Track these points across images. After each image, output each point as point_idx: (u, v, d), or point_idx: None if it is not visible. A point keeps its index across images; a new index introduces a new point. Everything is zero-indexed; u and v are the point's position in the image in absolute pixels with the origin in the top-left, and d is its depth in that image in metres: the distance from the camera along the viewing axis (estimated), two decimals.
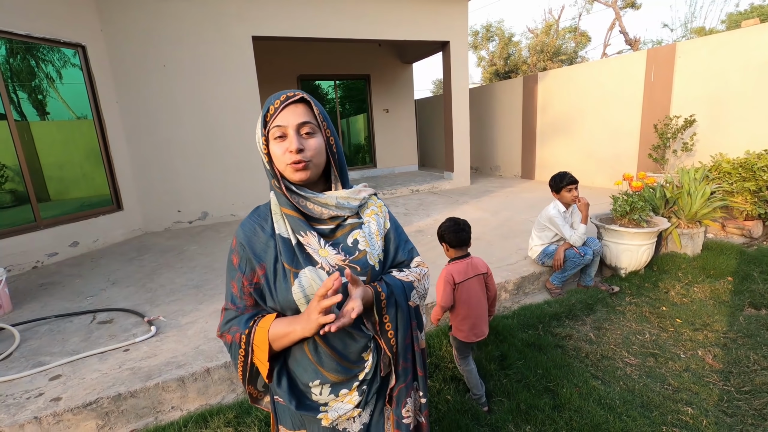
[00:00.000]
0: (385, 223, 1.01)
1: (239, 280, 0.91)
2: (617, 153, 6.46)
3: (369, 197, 1.00)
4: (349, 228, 0.94)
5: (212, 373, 2.17)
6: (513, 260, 3.53)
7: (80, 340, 2.53)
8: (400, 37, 6.57)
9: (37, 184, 4.33)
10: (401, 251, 1.02)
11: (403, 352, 0.96)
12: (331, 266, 0.88)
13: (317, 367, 0.90)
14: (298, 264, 0.87)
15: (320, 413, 0.92)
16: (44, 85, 4.55)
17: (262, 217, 0.93)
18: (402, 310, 0.94)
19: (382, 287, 0.91)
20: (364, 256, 0.92)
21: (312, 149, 0.87)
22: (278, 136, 0.85)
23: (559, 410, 1.97)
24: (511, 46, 16.33)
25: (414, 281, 0.98)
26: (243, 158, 5.74)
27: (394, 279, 0.95)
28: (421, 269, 1.03)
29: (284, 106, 0.85)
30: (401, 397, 0.99)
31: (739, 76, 4.87)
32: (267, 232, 0.91)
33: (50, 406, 1.91)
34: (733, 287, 3.12)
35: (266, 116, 0.86)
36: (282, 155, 0.85)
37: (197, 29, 5.25)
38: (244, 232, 0.92)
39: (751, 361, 2.28)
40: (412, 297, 0.97)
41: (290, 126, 0.85)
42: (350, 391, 0.91)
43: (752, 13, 15.03)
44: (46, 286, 3.55)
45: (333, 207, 0.91)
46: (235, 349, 0.90)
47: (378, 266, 0.94)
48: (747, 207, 4.14)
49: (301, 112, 0.86)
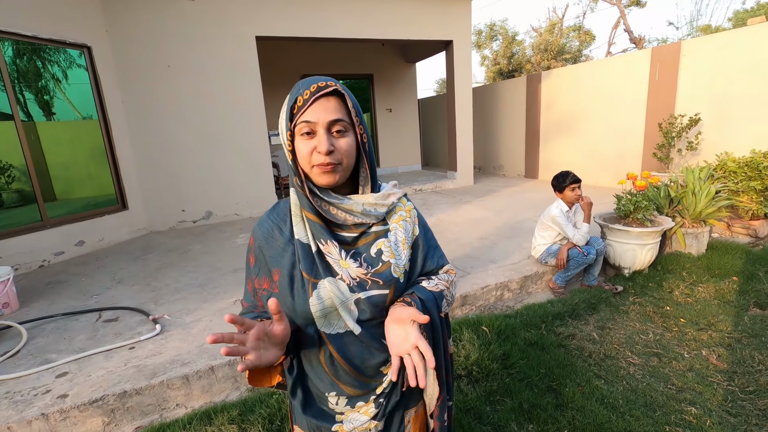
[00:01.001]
0: (414, 229, 0.92)
1: (253, 281, 0.88)
2: (621, 152, 6.43)
3: (398, 201, 0.90)
4: (373, 236, 0.85)
5: (216, 371, 2.19)
6: (516, 259, 3.53)
7: (86, 338, 2.55)
8: (404, 36, 6.57)
9: (43, 184, 4.38)
10: (430, 260, 0.94)
11: (439, 364, 0.90)
12: (351, 279, 0.81)
13: (333, 379, 0.86)
14: (317, 273, 0.80)
15: (335, 424, 0.87)
16: (50, 86, 4.60)
17: (281, 218, 0.87)
18: (435, 324, 0.88)
19: (416, 303, 0.82)
20: (387, 269, 0.83)
21: (342, 150, 0.77)
22: (306, 132, 0.75)
23: (562, 409, 1.97)
24: (515, 45, 16.28)
25: (444, 290, 0.91)
26: (247, 158, 5.77)
27: (425, 291, 0.87)
28: (449, 276, 0.97)
29: (315, 98, 0.74)
30: (443, 406, 0.93)
31: (745, 75, 4.83)
32: (285, 235, 0.84)
33: (57, 402, 1.93)
34: (738, 287, 3.10)
35: (293, 107, 0.75)
36: (309, 155, 0.75)
37: (202, 29, 5.28)
38: (261, 233, 0.86)
39: (755, 361, 2.27)
40: (443, 308, 0.90)
41: (320, 123, 0.74)
42: (367, 403, 0.87)
43: (759, 11, 14.89)
44: (53, 285, 3.59)
45: (358, 214, 0.82)
46: None
47: (403, 278, 0.86)
48: (752, 206, 4.11)
49: (333, 108, 0.75)
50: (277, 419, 1.93)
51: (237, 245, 4.48)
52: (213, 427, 1.91)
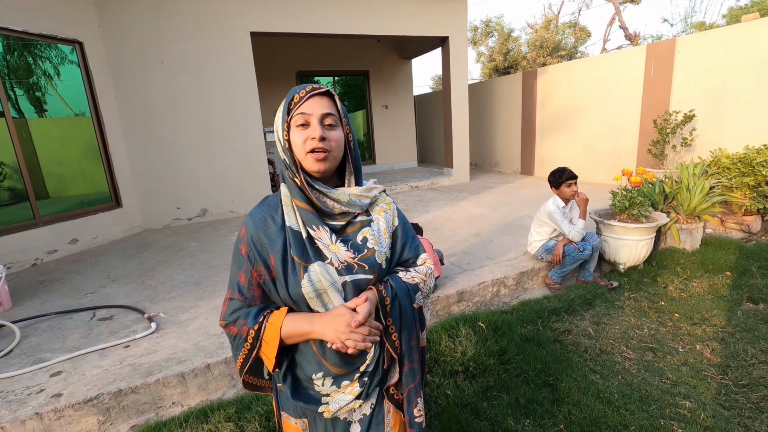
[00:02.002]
0: (394, 220, 1.01)
1: (248, 270, 0.91)
2: (616, 148, 6.46)
3: (379, 194, 1.01)
4: (359, 225, 0.95)
5: (213, 368, 2.18)
6: (512, 256, 3.54)
7: (80, 337, 2.53)
8: (400, 32, 6.54)
9: (35, 182, 4.33)
10: (408, 249, 1.03)
11: (408, 353, 0.97)
12: (340, 262, 0.89)
13: (321, 359, 0.91)
14: (308, 258, 0.88)
15: (321, 405, 0.93)
16: (42, 82, 4.53)
17: (272, 208, 0.93)
18: (406, 314, 0.95)
19: (387, 291, 0.92)
20: (372, 255, 0.93)
21: (334, 140, 0.88)
22: (301, 124, 0.86)
23: (558, 404, 1.98)
24: (511, 42, 16.26)
25: (419, 282, 0.99)
26: (243, 155, 5.74)
27: (399, 281, 0.95)
28: (427, 267, 1.04)
29: (309, 96, 0.86)
30: (411, 397, 0.99)
31: (739, 72, 4.86)
32: (278, 223, 0.91)
33: (51, 402, 1.92)
34: (731, 282, 3.13)
35: (290, 104, 0.87)
36: (303, 143, 0.86)
37: (195, 25, 5.22)
38: (253, 222, 0.92)
39: (748, 355, 2.29)
40: (416, 299, 0.98)
41: (314, 115, 0.86)
42: (351, 382, 0.92)
43: (753, 8, 14.97)
44: (46, 283, 3.55)
45: (345, 203, 0.91)
46: (240, 341, 0.90)
47: (385, 264, 0.95)
48: (746, 202, 4.14)
49: (325, 104, 0.87)
50: (273, 416, 1.93)
51: (233, 242, 4.45)
52: (210, 425, 1.90)
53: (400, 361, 0.97)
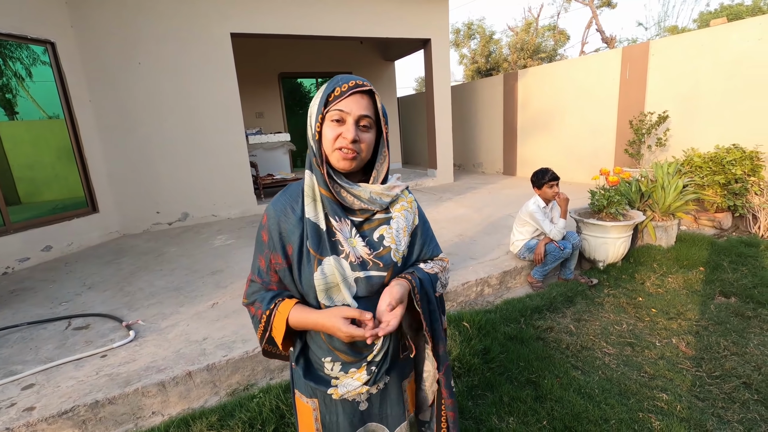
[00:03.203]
0: (414, 219, 1.02)
1: (267, 256, 0.94)
2: (595, 149, 6.62)
3: (401, 192, 1.00)
4: (377, 223, 0.95)
5: (194, 376, 2.13)
6: (495, 255, 3.58)
7: (54, 347, 2.44)
8: (382, 34, 6.56)
9: (5, 186, 4.16)
10: (426, 248, 1.04)
11: (438, 337, 1.01)
12: (356, 257, 0.90)
13: (329, 347, 0.95)
14: (324, 251, 0.89)
15: (331, 387, 0.96)
16: (12, 84, 4.37)
17: (293, 198, 0.94)
18: (432, 302, 0.98)
19: (415, 281, 0.94)
20: (388, 253, 0.94)
21: (365, 143, 0.87)
22: (336, 120, 0.85)
23: (541, 401, 2.01)
24: (492, 44, 16.50)
25: (438, 272, 1.02)
26: (224, 157, 5.64)
27: (423, 272, 0.98)
28: (443, 263, 1.07)
29: (351, 92, 0.84)
30: (449, 374, 1.05)
31: (709, 74, 5.05)
32: (297, 214, 0.92)
33: (23, 416, 1.84)
34: (704, 277, 3.24)
35: (329, 96, 0.85)
36: (334, 139, 0.85)
37: (174, 25, 5.12)
38: (275, 211, 0.93)
39: (721, 347, 2.38)
40: (437, 288, 1.01)
41: (352, 114, 0.85)
42: (359, 369, 0.95)
43: (722, 13, 15.57)
44: (18, 293, 3.42)
45: (365, 200, 0.92)
46: (256, 321, 0.96)
47: (401, 263, 0.96)
48: (717, 199, 4.30)
49: (365, 105, 0.86)
50: (257, 423, 1.90)
51: (215, 247, 4.38)
52: None
53: (435, 346, 1.01)
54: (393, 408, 1.04)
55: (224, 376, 2.21)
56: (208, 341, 2.40)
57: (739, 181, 4.20)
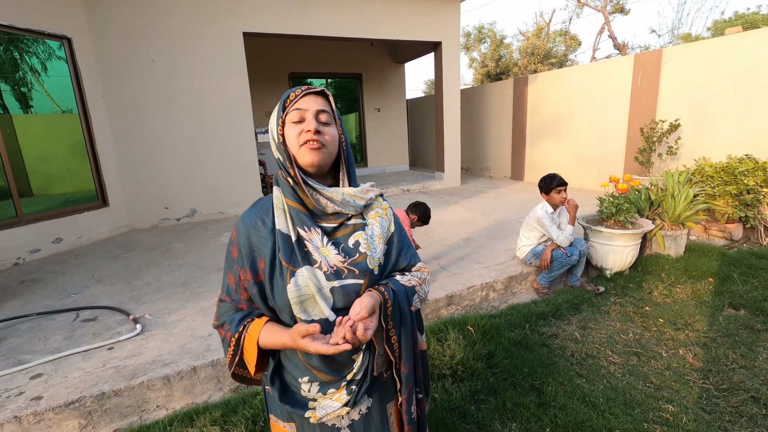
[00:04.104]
0: (390, 226, 0.99)
1: (237, 273, 0.91)
2: (605, 156, 6.57)
3: (375, 198, 0.99)
4: (351, 228, 0.93)
5: (199, 371, 2.15)
6: (501, 260, 3.57)
7: (63, 339, 2.48)
8: (393, 36, 6.58)
9: (19, 179, 4.23)
10: (403, 256, 1.01)
11: (407, 356, 0.96)
12: (329, 267, 0.87)
13: (306, 365, 0.90)
14: (296, 262, 0.86)
15: (308, 410, 0.91)
16: (28, 78, 4.45)
17: (263, 211, 0.92)
18: (405, 316, 0.93)
19: (388, 293, 0.90)
20: (363, 260, 0.90)
21: (328, 135, 0.88)
22: (296, 120, 0.87)
23: (545, 408, 2.00)
24: (503, 48, 16.46)
25: (416, 285, 0.98)
26: (234, 155, 5.69)
27: (398, 284, 0.94)
28: (422, 274, 1.03)
29: (305, 94, 0.88)
30: (411, 398, 0.99)
31: (722, 82, 4.99)
32: (268, 226, 0.90)
33: (31, 405, 1.87)
34: (713, 288, 3.20)
35: (285, 102, 0.88)
36: (298, 137, 0.86)
37: (188, 24, 5.18)
38: (245, 225, 0.91)
39: (729, 359, 2.34)
40: (414, 302, 0.97)
41: (310, 110, 0.87)
42: (338, 390, 0.91)
43: (736, 21, 15.40)
44: (28, 283, 3.47)
45: (338, 202, 0.90)
46: (226, 345, 0.93)
47: (377, 270, 0.93)
48: (728, 210, 4.25)
49: (320, 102, 0.89)
50: (260, 420, 1.91)
51: (222, 243, 4.41)
52: (195, 429, 1.87)
53: (399, 364, 0.95)
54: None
55: (228, 373, 2.22)
56: (213, 337, 2.41)
57: (752, 192, 4.14)
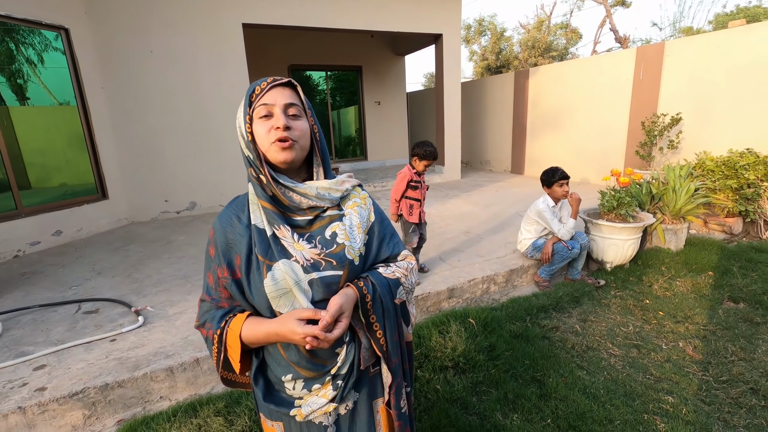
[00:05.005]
0: (370, 215, 0.97)
1: (215, 271, 0.89)
2: (605, 149, 6.56)
3: (352, 188, 0.97)
4: (327, 220, 0.91)
5: (201, 363, 2.16)
6: (502, 253, 3.57)
7: (65, 330, 2.48)
8: (393, 28, 6.52)
9: (17, 171, 4.21)
10: (386, 246, 0.98)
11: (394, 349, 0.94)
12: (306, 260, 0.86)
13: (289, 362, 0.89)
14: (272, 256, 0.85)
15: (294, 409, 0.90)
16: (25, 69, 4.40)
17: (239, 208, 0.91)
18: (388, 309, 0.92)
19: (367, 287, 0.88)
20: (341, 250, 0.89)
21: (298, 130, 0.85)
22: (264, 116, 0.83)
23: (546, 399, 2.02)
24: (503, 41, 16.34)
25: (401, 277, 0.95)
26: (234, 148, 5.65)
27: (379, 276, 0.92)
28: (408, 263, 1.01)
29: (271, 87, 0.84)
30: (399, 392, 0.97)
31: (725, 76, 4.97)
32: (243, 222, 0.89)
33: (35, 395, 1.88)
34: (713, 281, 3.21)
35: (251, 96, 0.84)
36: (267, 134, 0.83)
37: (186, 15, 5.12)
38: (221, 223, 0.90)
39: (729, 352, 2.36)
40: (398, 294, 0.95)
41: (277, 105, 0.83)
42: (323, 385, 0.89)
43: (739, 15, 15.30)
44: (29, 276, 3.47)
45: (313, 197, 0.88)
46: (210, 344, 0.91)
47: (359, 260, 0.90)
48: (728, 204, 4.25)
49: (288, 95, 0.85)
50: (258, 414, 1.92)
51: None
52: (198, 420, 1.88)
53: (387, 357, 0.93)
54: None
55: None
56: None
57: (752, 186, 4.14)
